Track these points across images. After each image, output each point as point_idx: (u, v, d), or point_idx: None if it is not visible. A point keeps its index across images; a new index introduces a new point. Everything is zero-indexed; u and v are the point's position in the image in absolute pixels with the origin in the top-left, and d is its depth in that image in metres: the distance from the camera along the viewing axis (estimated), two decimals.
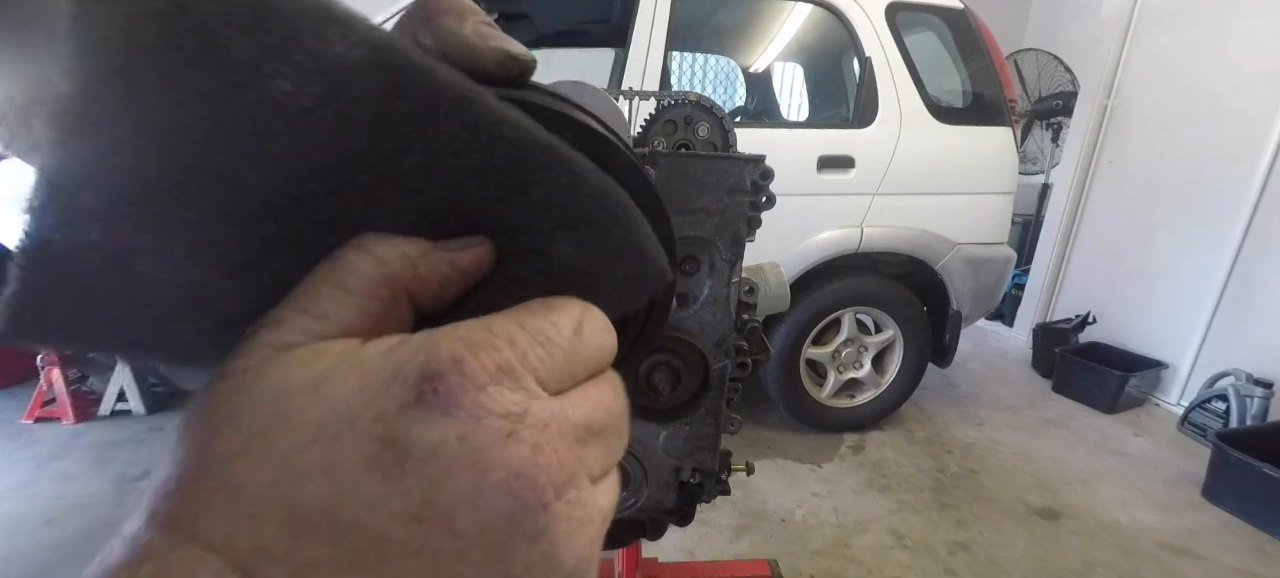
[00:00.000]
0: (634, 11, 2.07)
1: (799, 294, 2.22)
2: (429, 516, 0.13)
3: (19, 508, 1.89)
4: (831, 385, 2.42)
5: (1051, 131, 4.00)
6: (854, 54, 2.23)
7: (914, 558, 1.75)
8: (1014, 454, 2.39)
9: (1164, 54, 3.08)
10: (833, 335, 2.38)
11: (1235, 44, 2.75)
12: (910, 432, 2.54)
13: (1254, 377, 2.45)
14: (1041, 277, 3.72)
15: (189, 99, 0.14)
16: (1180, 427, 2.65)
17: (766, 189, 0.59)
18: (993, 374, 3.28)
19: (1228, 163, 2.73)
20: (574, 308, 0.18)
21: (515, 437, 0.14)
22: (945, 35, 2.32)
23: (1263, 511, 1.95)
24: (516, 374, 0.15)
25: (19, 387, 2.75)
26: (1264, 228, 2.60)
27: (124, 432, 2.38)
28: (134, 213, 0.15)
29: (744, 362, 0.67)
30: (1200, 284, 2.81)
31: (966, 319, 2.41)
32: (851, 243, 2.18)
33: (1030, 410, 2.82)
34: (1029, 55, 4.09)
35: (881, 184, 2.18)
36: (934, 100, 2.22)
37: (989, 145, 2.28)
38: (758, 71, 3.07)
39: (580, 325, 0.17)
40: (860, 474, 2.19)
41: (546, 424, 0.15)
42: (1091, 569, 1.74)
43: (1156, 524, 1.97)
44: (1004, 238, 2.39)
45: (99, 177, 0.15)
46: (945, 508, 2.01)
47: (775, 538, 1.83)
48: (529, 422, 0.15)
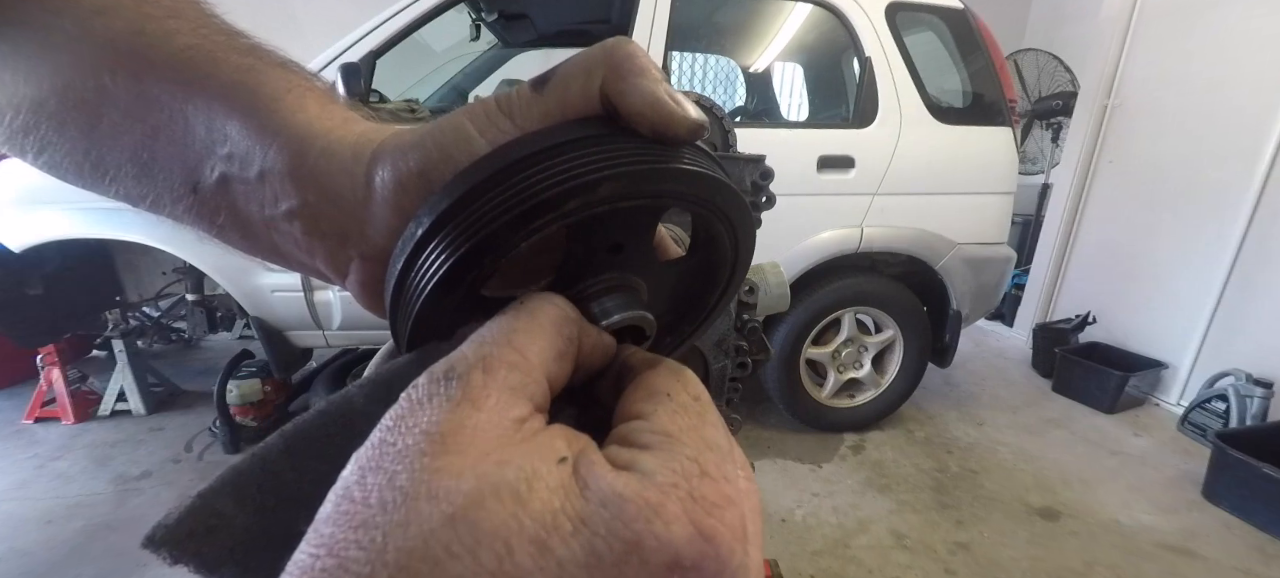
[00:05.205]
0: (634, 11, 2.07)
1: (799, 294, 2.22)
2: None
3: (19, 508, 1.89)
4: (831, 386, 2.41)
5: (1051, 131, 4.00)
6: (854, 54, 2.23)
7: (914, 558, 1.75)
8: (1014, 454, 2.39)
9: (1164, 54, 3.07)
10: (833, 335, 2.38)
11: (1235, 44, 2.75)
12: (910, 432, 2.54)
13: (1254, 377, 2.44)
14: (1041, 277, 3.72)
15: None
16: (1180, 427, 2.65)
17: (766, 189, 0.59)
18: (993, 374, 3.28)
19: (1228, 163, 2.73)
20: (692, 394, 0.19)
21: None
22: (945, 35, 2.32)
23: (1263, 511, 1.95)
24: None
25: (19, 387, 2.75)
26: (1264, 228, 2.59)
27: (124, 432, 2.38)
28: None
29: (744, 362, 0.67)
30: (1200, 284, 2.81)
31: (966, 319, 2.41)
32: (851, 243, 2.18)
33: (1030, 410, 2.81)
34: (1029, 55, 4.08)
35: (881, 184, 2.17)
36: (934, 100, 2.22)
37: (989, 145, 2.28)
38: (758, 71, 3.07)
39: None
40: (860, 474, 2.19)
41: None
42: (1091, 569, 1.74)
43: (1156, 524, 1.97)
44: (1004, 238, 2.39)
45: None
46: (945, 508, 2.01)
47: (775, 538, 1.83)
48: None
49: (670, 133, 0.19)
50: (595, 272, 0.22)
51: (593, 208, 0.18)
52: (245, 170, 0.22)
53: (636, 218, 0.21)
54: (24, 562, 1.66)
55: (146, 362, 2.64)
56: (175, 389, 2.73)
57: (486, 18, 2.45)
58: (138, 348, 2.60)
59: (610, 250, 0.22)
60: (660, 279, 0.25)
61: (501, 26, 2.63)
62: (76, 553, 1.69)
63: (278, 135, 0.22)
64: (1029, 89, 4.05)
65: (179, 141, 0.22)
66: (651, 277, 0.24)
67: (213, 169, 0.22)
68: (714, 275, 0.26)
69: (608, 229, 0.21)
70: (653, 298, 0.24)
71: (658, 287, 0.25)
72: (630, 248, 0.22)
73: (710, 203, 0.21)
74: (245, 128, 0.22)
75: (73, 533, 1.77)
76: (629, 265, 0.23)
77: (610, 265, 0.22)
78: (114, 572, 1.63)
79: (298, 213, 0.22)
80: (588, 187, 0.18)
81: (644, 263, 0.23)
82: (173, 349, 3.40)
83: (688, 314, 0.28)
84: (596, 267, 0.22)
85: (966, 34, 2.29)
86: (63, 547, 1.72)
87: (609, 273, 0.22)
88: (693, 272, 0.26)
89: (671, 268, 0.26)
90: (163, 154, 0.22)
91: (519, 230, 0.18)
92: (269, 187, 0.22)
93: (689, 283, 0.27)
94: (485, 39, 2.65)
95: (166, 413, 2.55)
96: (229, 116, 0.22)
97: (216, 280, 1.95)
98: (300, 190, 0.22)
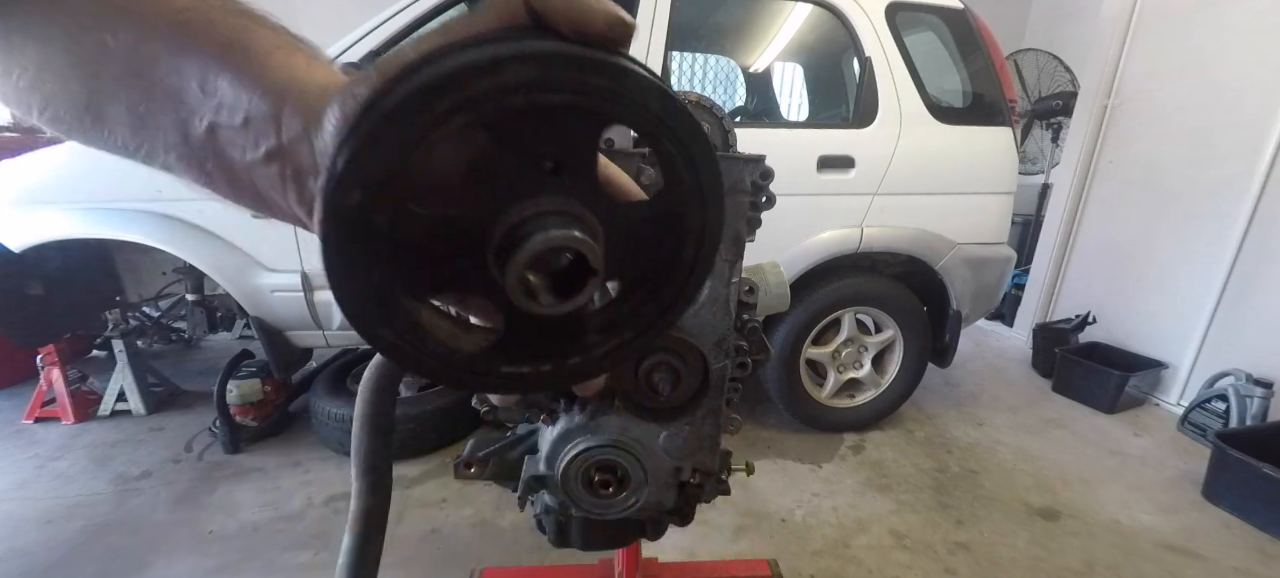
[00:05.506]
0: (634, 11, 2.07)
1: (799, 294, 2.22)
2: None
3: (19, 508, 1.89)
4: (831, 386, 2.41)
5: (1051, 131, 4.00)
6: (854, 54, 2.23)
7: (914, 558, 1.75)
8: (1014, 454, 2.39)
9: (1164, 54, 3.07)
10: (833, 335, 2.38)
11: (1235, 44, 2.75)
12: (910, 432, 2.54)
13: (1254, 377, 2.44)
14: (1041, 277, 3.72)
15: None
16: (1180, 427, 2.65)
17: (766, 189, 0.59)
18: (993, 374, 3.28)
19: (1228, 163, 2.73)
20: None
21: None
22: (945, 35, 2.32)
23: (1263, 511, 1.95)
24: None
25: (19, 387, 2.75)
26: (1264, 228, 2.59)
27: (124, 432, 2.38)
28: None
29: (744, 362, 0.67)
30: (1200, 284, 2.81)
31: (966, 319, 2.41)
32: (851, 243, 2.18)
33: (1030, 410, 2.82)
34: (1029, 55, 4.09)
35: (881, 184, 2.18)
36: (934, 100, 2.22)
37: (989, 145, 2.28)
38: (758, 71, 3.07)
39: None
40: (860, 474, 2.19)
41: None
42: (1091, 569, 1.74)
43: (1156, 524, 1.97)
44: (1004, 238, 2.39)
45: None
46: (945, 508, 2.01)
47: (775, 538, 1.83)
48: None
49: (591, 28, 0.19)
50: (533, 195, 0.21)
51: (504, 97, 0.18)
52: (232, 118, 0.24)
53: (567, 126, 0.20)
54: (24, 562, 1.66)
55: (146, 362, 2.65)
56: (175, 389, 2.73)
57: None
58: (138, 348, 2.60)
59: (550, 171, 0.21)
60: (619, 224, 0.23)
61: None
62: (76, 553, 1.69)
63: (262, 83, 0.23)
64: (1029, 89, 4.05)
65: (174, 96, 0.24)
66: (607, 216, 0.22)
67: (202, 120, 0.24)
68: (682, 222, 0.24)
69: (536, 136, 0.20)
70: (614, 246, 0.23)
71: (619, 234, 0.23)
72: (570, 168, 0.21)
73: (647, 110, 0.20)
74: (236, 80, 0.23)
75: (73, 533, 1.77)
76: (575, 192, 0.21)
77: (552, 188, 0.21)
78: (114, 572, 1.63)
79: (274, 155, 0.23)
80: (493, 66, 0.18)
81: (592, 194, 0.22)
82: (173, 349, 3.40)
83: (663, 275, 0.25)
84: (533, 189, 0.21)
85: (966, 34, 2.29)
86: (63, 547, 1.72)
87: (549, 195, 0.21)
88: (659, 220, 0.24)
89: (633, 212, 0.24)
90: (158, 108, 0.24)
91: (424, 117, 0.18)
92: (252, 132, 0.23)
93: (657, 233, 0.24)
94: None
95: (166, 413, 2.55)
96: (221, 72, 0.23)
97: (216, 280, 1.95)
98: (276, 132, 0.23)
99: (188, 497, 1.96)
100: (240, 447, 2.23)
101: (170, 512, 1.89)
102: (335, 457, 2.18)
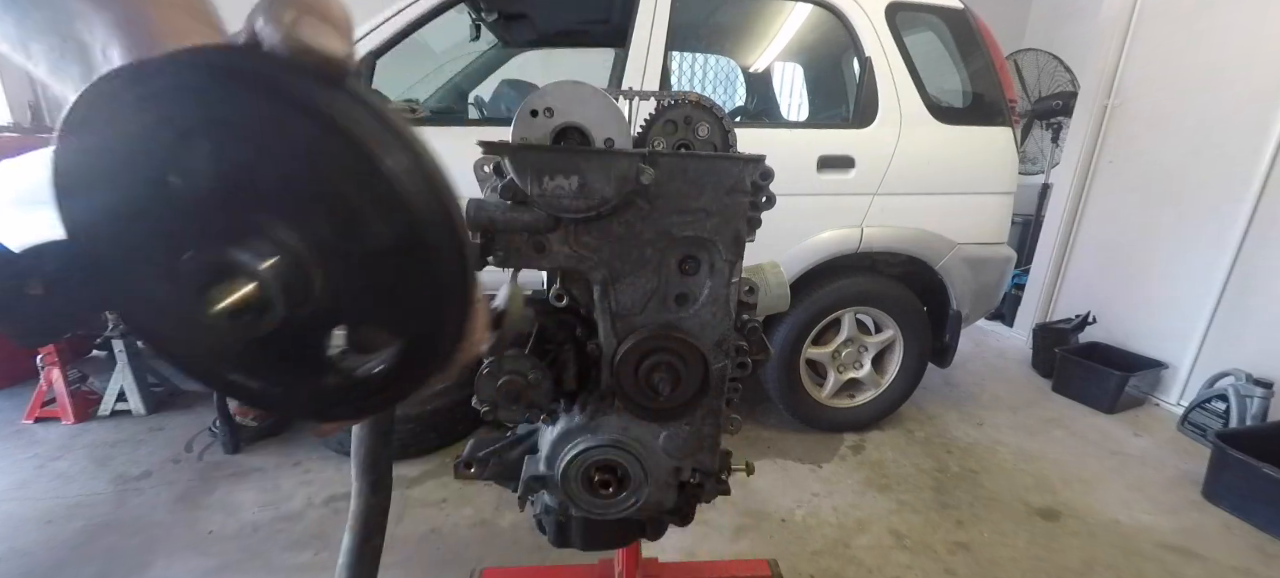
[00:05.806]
0: (634, 11, 2.07)
1: (799, 294, 2.22)
2: None
3: (19, 508, 1.89)
4: (831, 385, 2.41)
5: (1051, 131, 4.00)
6: (854, 54, 2.23)
7: (914, 558, 1.75)
8: (1014, 454, 2.39)
9: (1164, 53, 3.07)
10: (833, 335, 2.38)
11: (1235, 44, 2.75)
12: (910, 432, 2.54)
13: (1254, 377, 2.44)
14: (1041, 277, 3.72)
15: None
16: (1180, 427, 2.65)
17: (766, 189, 0.59)
18: (993, 374, 3.28)
19: (1228, 163, 2.73)
20: None
21: None
22: (945, 35, 2.32)
23: (1263, 511, 1.95)
24: None
25: (19, 387, 2.75)
26: (1264, 228, 2.59)
27: (124, 432, 2.38)
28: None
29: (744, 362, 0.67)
30: (1200, 284, 2.81)
31: (966, 319, 2.41)
32: (851, 243, 2.18)
33: (1030, 410, 2.82)
34: (1029, 55, 4.09)
35: (881, 184, 2.18)
36: (934, 100, 2.22)
37: (989, 145, 2.28)
38: (758, 71, 3.07)
39: None
40: (860, 474, 2.19)
41: None
42: (1091, 569, 1.74)
43: (1156, 524, 1.97)
44: (1004, 238, 2.39)
45: None
46: (945, 508, 2.01)
47: (775, 538, 1.83)
48: None
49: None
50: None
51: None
52: (107, 50, 0.29)
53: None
54: (24, 562, 1.66)
55: (146, 362, 2.64)
56: (175, 389, 2.73)
57: (486, 18, 2.45)
58: (138, 348, 2.59)
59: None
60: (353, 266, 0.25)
61: (501, 26, 2.62)
62: (76, 553, 1.69)
63: (131, 27, 0.29)
64: (1029, 89, 4.05)
65: (82, 55, 0.29)
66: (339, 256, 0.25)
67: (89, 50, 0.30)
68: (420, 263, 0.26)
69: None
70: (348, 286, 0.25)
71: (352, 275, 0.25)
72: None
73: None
74: (124, 56, 0.29)
75: (73, 533, 1.77)
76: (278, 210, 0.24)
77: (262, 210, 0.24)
78: (114, 572, 1.63)
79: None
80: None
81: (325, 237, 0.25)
82: None
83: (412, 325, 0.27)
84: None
85: (966, 34, 2.29)
86: (63, 547, 1.72)
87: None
88: (398, 266, 0.26)
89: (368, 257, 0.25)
90: (71, 59, 0.30)
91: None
92: (108, 62, 0.29)
93: (398, 280, 0.26)
94: (485, 39, 2.64)
95: (166, 413, 2.55)
96: (115, 43, 0.29)
97: None
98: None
99: (188, 497, 1.96)
100: (240, 447, 2.23)
101: (170, 512, 1.89)
102: (335, 457, 2.18)
